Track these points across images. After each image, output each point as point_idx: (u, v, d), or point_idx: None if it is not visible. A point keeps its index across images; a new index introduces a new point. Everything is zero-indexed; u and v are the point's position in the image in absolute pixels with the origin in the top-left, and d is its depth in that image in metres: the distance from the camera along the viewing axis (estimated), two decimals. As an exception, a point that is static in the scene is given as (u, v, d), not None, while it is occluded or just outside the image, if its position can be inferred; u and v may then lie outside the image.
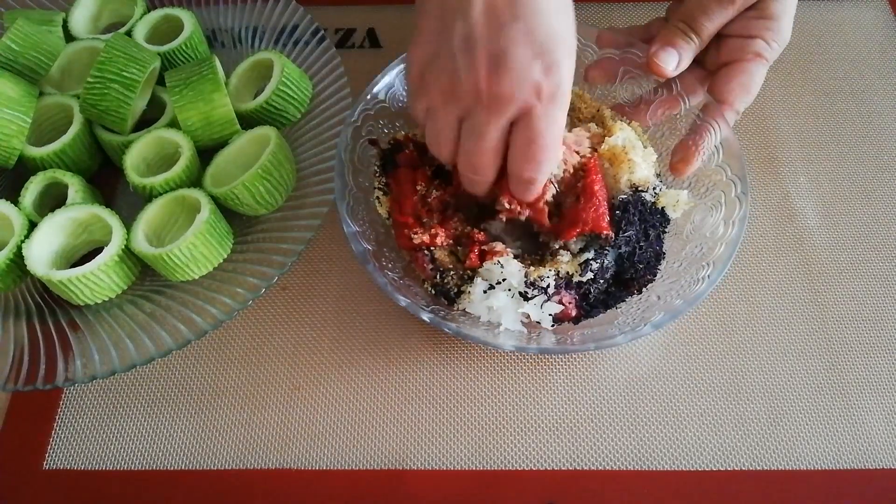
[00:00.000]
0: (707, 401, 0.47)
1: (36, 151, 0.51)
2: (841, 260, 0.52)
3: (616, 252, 0.45)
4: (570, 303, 0.44)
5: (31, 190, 0.50)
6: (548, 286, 0.43)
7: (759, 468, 0.45)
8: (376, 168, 0.48)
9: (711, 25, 0.47)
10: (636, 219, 0.45)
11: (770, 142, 0.58)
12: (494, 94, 0.36)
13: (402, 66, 0.51)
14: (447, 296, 0.46)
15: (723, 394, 0.47)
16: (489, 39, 0.36)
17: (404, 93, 0.51)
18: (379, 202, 0.48)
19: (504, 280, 0.43)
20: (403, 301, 0.42)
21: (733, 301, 0.51)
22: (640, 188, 0.46)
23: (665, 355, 0.49)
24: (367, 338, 0.50)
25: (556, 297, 0.44)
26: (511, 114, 0.37)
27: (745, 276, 0.52)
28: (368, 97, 0.49)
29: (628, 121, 0.49)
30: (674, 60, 0.47)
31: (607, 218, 0.44)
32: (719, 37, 0.48)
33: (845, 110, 0.59)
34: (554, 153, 0.39)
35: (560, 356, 0.49)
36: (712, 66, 0.49)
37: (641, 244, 0.45)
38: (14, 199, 0.49)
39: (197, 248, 0.47)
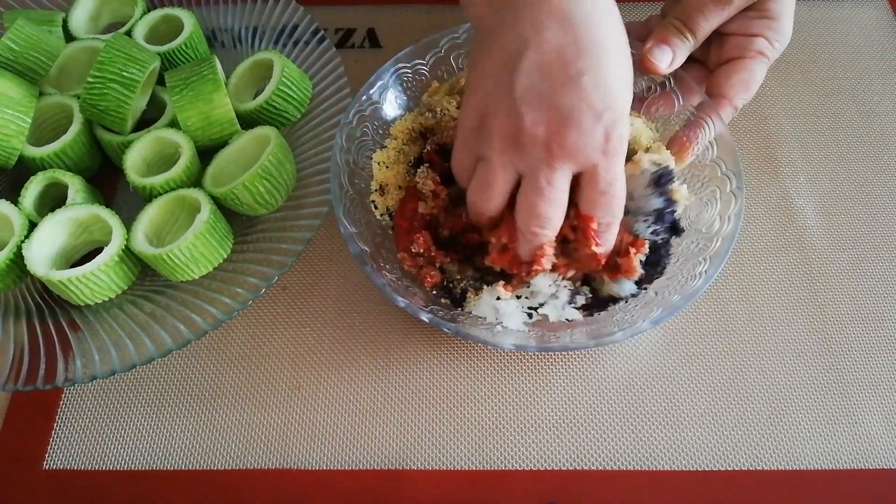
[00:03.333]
0: (707, 401, 0.47)
1: (36, 151, 0.51)
2: (841, 260, 0.52)
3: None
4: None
5: (31, 190, 0.50)
6: (575, 295, 0.45)
7: (759, 468, 0.45)
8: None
9: (707, 25, 0.47)
10: (669, 194, 0.45)
11: (770, 142, 0.58)
12: (561, 150, 0.36)
13: (397, 66, 0.51)
14: (453, 299, 0.46)
15: (723, 394, 0.47)
16: (556, 93, 0.36)
17: (401, 93, 0.51)
18: (375, 206, 0.48)
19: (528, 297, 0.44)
20: (402, 302, 0.42)
21: (733, 301, 0.51)
22: (661, 164, 0.46)
23: (665, 355, 0.49)
24: (367, 338, 0.50)
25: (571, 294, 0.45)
26: (576, 169, 0.38)
27: (745, 276, 0.52)
28: (363, 98, 0.49)
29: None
30: (667, 58, 0.47)
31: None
32: (721, 35, 0.48)
33: (845, 110, 0.59)
34: (623, 197, 0.40)
35: (560, 356, 0.49)
36: (713, 64, 0.49)
37: (662, 238, 0.45)
38: (14, 199, 0.49)
39: (197, 249, 0.47)
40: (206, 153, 0.53)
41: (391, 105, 0.51)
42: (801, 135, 0.58)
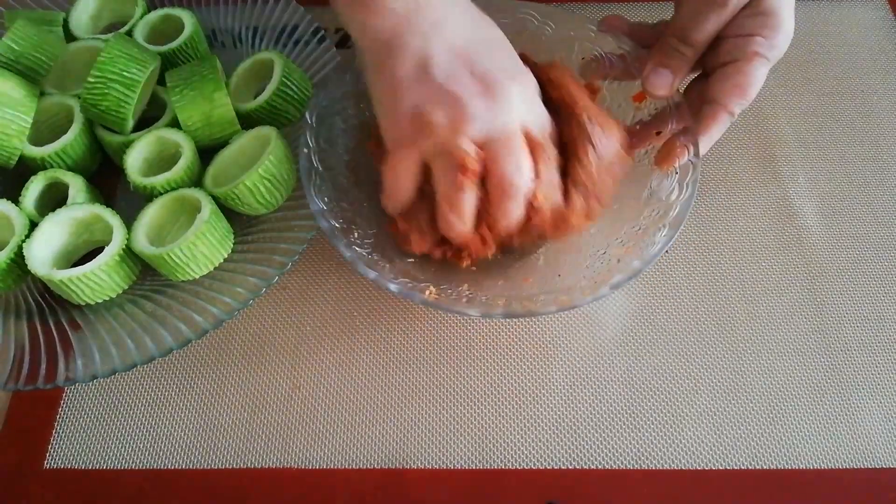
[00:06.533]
0: (707, 400, 0.47)
1: (37, 151, 0.51)
2: (841, 259, 0.52)
3: None
4: None
5: (32, 190, 0.50)
6: None
7: (759, 467, 0.45)
8: None
9: (706, 31, 0.45)
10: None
11: (770, 142, 0.58)
12: (501, 104, 0.39)
13: None
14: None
15: (722, 393, 0.47)
16: (469, 66, 0.40)
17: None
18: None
19: None
20: (372, 274, 0.43)
21: (733, 300, 0.51)
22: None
23: (665, 354, 0.49)
24: (367, 337, 0.50)
25: None
26: (517, 121, 0.40)
27: (744, 276, 0.52)
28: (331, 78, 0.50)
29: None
30: (666, 82, 0.46)
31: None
32: (716, 38, 0.46)
33: (845, 110, 0.59)
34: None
35: (559, 356, 0.49)
36: (710, 69, 0.47)
37: None
38: (15, 198, 0.49)
39: (197, 248, 0.47)
40: (206, 153, 0.53)
41: (361, 85, 0.51)
42: (801, 135, 0.58)
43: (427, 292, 0.43)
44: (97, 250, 0.48)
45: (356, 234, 0.46)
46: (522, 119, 0.40)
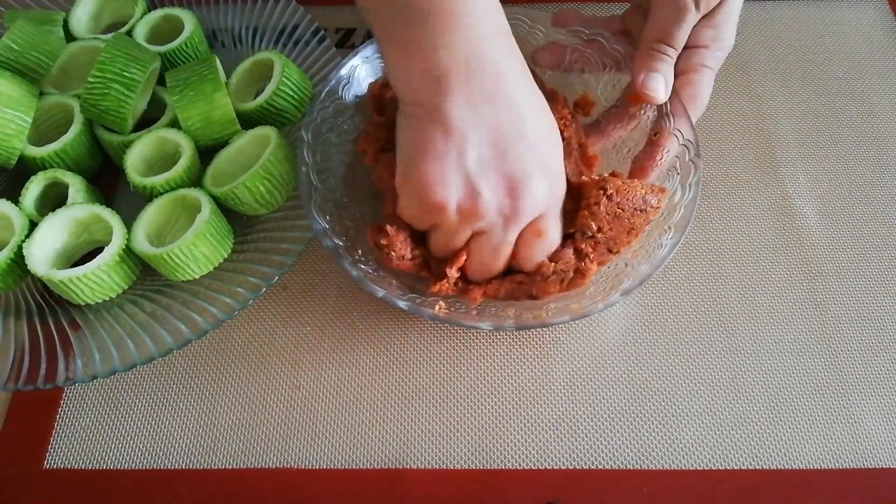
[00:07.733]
0: (707, 400, 0.47)
1: (36, 151, 0.51)
2: (840, 259, 0.52)
3: None
4: None
5: (32, 190, 0.50)
6: None
7: (758, 468, 0.45)
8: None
9: (683, 32, 0.46)
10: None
11: (770, 142, 0.58)
12: (516, 212, 0.40)
13: (355, 61, 0.50)
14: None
15: (722, 393, 0.47)
16: (500, 162, 0.39)
17: (361, 87, 0.51)
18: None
19: None
20: (381, 292, 0.42)
21: (733, 301, 0.51)
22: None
23: (665, 354, 0.49)
24: (368, 337, 0.50)
25: None
26: (525, 223, 0.41)
27: (745, 276, 0.52)
28: (324, 94, 0.49)
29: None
30: (661, 85, 0.46)
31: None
32: None
33: (845, 110, 0.59)
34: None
35: (560, 356, 0.49)
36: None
37: None
38: (14, 198, 0.49)
39: (197, 248, 0.47)
40: (206, 153, 0.53)
41: (352, 98, 0.51)
42: (801, 135, 0.58)
43: (437, 307, 0.43)
44: (97, 250, 0.48)
45: (360, 252, 0.46)
46: (536, 209, 0.41)
